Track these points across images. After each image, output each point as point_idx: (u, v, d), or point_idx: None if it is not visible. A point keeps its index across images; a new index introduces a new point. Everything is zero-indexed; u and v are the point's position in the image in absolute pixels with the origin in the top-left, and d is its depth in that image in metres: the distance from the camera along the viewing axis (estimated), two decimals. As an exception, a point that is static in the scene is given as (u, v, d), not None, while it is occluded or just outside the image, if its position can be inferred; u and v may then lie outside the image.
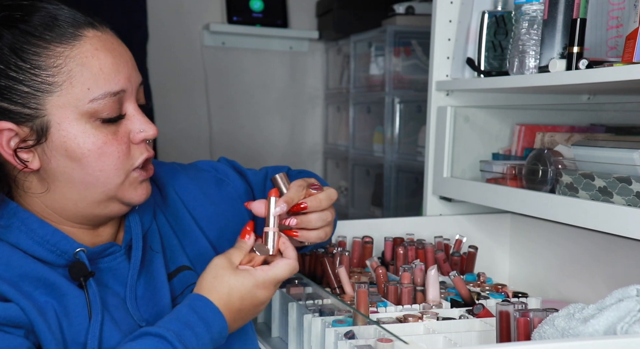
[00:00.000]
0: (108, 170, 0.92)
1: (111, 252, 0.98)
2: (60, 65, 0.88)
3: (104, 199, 0.95)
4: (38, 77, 0.88)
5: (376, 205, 2.93)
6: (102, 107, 0.90)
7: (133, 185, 0.96)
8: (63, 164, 0.91)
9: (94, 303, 0.92)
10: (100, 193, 0.94)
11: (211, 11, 3.18)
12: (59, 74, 0.88)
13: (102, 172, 0.92)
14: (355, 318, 1.09)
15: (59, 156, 0.91)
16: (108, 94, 0.90)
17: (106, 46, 0.91)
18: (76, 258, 0.93)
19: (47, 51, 0.88)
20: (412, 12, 2.75)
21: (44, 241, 0.92)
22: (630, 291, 0.91)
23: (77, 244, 0.94)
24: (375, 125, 2.95)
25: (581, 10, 1.26)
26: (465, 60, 1.56)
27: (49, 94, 0.88)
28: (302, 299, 1.22)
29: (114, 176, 0.93)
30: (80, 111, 0.89)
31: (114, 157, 0.92)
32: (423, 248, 1.43)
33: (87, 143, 0.90)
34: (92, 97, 0.89)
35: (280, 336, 1.28)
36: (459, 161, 1.60)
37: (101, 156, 0.91)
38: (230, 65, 3.24)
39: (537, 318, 0.98)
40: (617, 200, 1.15)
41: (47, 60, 0.88)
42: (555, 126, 1.58)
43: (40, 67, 0.88)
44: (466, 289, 1.25)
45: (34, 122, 0.89)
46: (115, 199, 0.96)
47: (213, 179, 1.19)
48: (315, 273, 1.39)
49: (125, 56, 0.94)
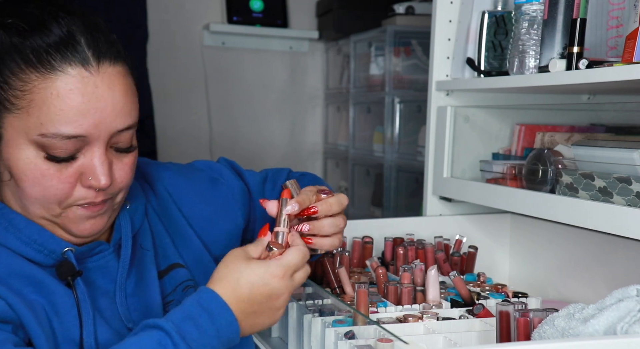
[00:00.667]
0: (42, 200, 0.91)
1: (99, 251, 0.98)
2: (26, 91, 0.86)
3: (49, 223, 0.94)
4: (4, 92, 0.87)
5: (376, 205, 2.93)
6: (50, 144, 0.87)
7: (74, 220, 0.93)
8: (8, 177, 0.91)
9: (82, 302, 0.92)
10: (41, 217, 0.93)
11: (211, 11, 3.18)
12: (22, 99, 0.86)
13: (36, 199, 0.91)
14: (355, 318, 1.09)
15: (4, 169, 0.91)
16: (59, 136, 0.87)
17: (84, 89, 0.87)
18: (64, 257, 0.93)
19: (21, 74, 0.86)
20: (412, 12, 2.75)
21: (31, 240, 0.92)
22: (630, 291, 0.91)
23: (65, 243, 0.94)
24: (375, 125, 2.95)
25: (581, 10, 1.26)
26: (465, 60, 1.56)
27: (7, 111, 0.88)
28: (302, 299, 1.22)
29: (48, 208, 0.91)
30: (29, 139, 0.87)
31: (49, 193, 0.90)
32: (423, 248, 1.43)
33: (26, 170, 0.89)
34: (42, 133, 0.87)
35: (280, 336, 1.28)
36: (459, 161, 1.60)
37: (36, 186, 0.89)
38: (230, 65, 3.24)
39: (537, 318, 0.98)
40: (617, 200, 1.15)
41: (17, 82, 0.86)
42: (555, 126, 1.58)
43: (9, 85, 0.87)
44: (466, 289, 1.25)
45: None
46: (61, 227, 0.94)
47: (207, 178, 1.18)
48: (316, 273, 1.39)
49: (105, 103, 0.89)
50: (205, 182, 1.17)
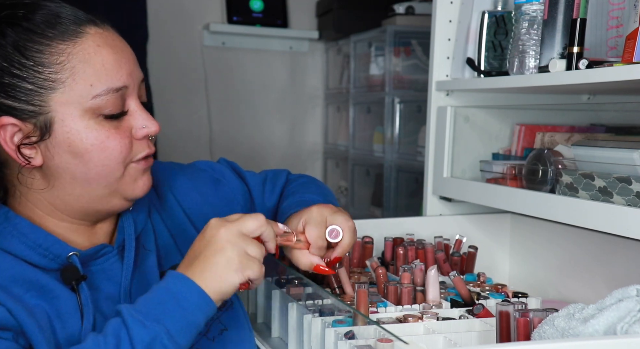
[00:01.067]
0: (110, 164, 0.93)
1: (103, 253, 0.98)
2: (63, 62, 0.89)
3: (105, 194, 0.95)
4: (41, 74, 0.88)
5: (376, 205, 2.93)
6: (104, 103, 0.91)
7: (132, 177, 0.96)
8: (66, 160, 0.91)
9: (85, 306, 0.92)
10: (103, 188, 0.94)
11: (211, 11, 3.18)
12: (62, 71, 0.89)
13: (104, 167, 0.93)
14: (355, 318, 1.09)
15: (63, 153, 0.91)
16: (110, 90, 0.91)
17: (108, 43, 0.92)
18: (69, 262, 0.93)
19: (49, 48, 0.89)
20: (412, 12, 2.75)
21: (36, 245, 0.92)
22: (630, 291, 0.91)
23: (70, 247, 0.94)
24: (375, 125, 2.95)
25: (581, 10, 1.26)
26: (465, 60, 1.56)
27: (52, 91, 0.89)
28: (302, 300, 1.22)
29: (115, 170, 0.94)
30: (83, 107, 0.90)
31: (116, 152, 0.93)
32: (423, 248, 1.43)
33: (90, 138, 0.91)
34: (95, 94, 0.90)
35: (280, 336, 1.28)
36: (459, 161, 1.60)
37: (104, 151, 0.92)
38: (230, 65, 3.24)
39: (537, 318, 0.98)
40: (617, 200, 1.15)
41: (50, 58, 0.89)
42: (555, 126, 1.58)
43: (43, 65, 0.88)
44: (466, 290, 1.25)
45: (37, 119, 0.90)
46: (117, 193, 0.96)
47: (210, 179, 1.19)
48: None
49: (126, 53, 0.94)
50: (208, 183, 1.18)
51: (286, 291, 1.26)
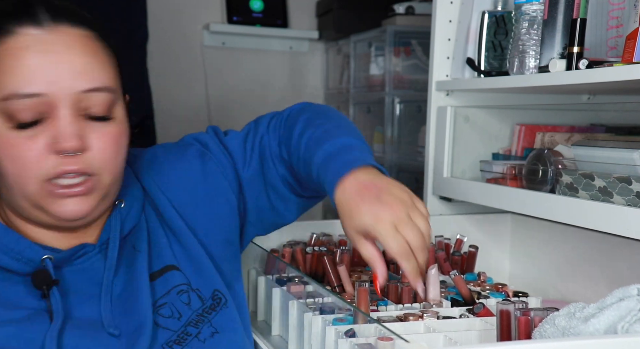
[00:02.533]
0: (20, 175, 0.87)
1: (83, 253, 0.95)
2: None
3: (30, 207, 0.90)
4: None
5: (376, 205, 2.93)
6: (13, 109, 0.84)
7: (51, 198, 0.89)
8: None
9: (55, 312, 0.89)
10: (23, 200, 0.89)
11: (211, 11, 3.18)
12: None
13: (13, 176, 0.87)
14: (355, 316, 1.09)
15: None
16: (18, 95, 0.84)
17: (37, 47, 0.86)
18: (42, 266, 0.90)
19: None
20: (412, 12, 2.75)
21: (8, 249, 0.89)
22: (631, 290, 0.91)
23: (43, 251, 0.91)
24: (375, 125, 2.95)
25: (581, 10, 1.26)
26: (465, 60, 1.56)
27: None
28: (303, 298, 1.22)
29: (26, 183, 0.87)
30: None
31: (21, 164, 0.86)
32: (423, 248, 1.43)
33: (1, 144, 0.86)
34: (2, 96, 0.85)
35: (281, 334, 1.29)
36: (459, 161, 1.60)
37: (10, 161, 0.86)
38: (230, 66, 3.24)
39: (538, 317, 0.99)
40: (617, 200, 1.15)
41: None
42: (555, 126, 1.58)
43: None
44: (466, 289, 1.25)
45: None
46: (42, 210, 0.90)
47: (197, 153, 1.11)
48: (316, 271, 1.39)
49: (61, 60, 0.87)
50: (196, 159, 1.10)
51: (286, 289, 1.26)
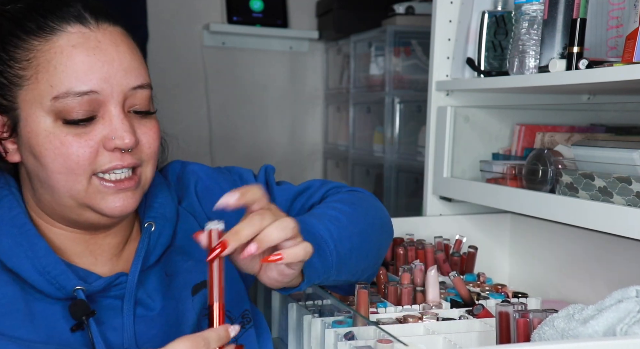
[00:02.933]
0: (66, 173, 0.86)
1: (117, 283, 0.92)
2: (31, 59, 0.86)
3: (74, 205, 0.89)
4: (12, 69, 0.86)
5: (376, 205, 2.93)
6: (64, 107, 0.85)
7: (101, 194, 0.88)
8: (31, 162, 0.88)
9: (97, 344, 0.87)
10: (68, 198, 0.88)
11: (211, 11, 3.18)
12: (28, 68, 0.86)
13: (60, 175, 0.86)
14: (355, 318, 1.09)
15: (27, 153, 0.88)
16: (71, 93, 0.85)
17: (86, 44, 0.86)
18: (74, 295, 0.88)
19: (24, 44, 0.86)
20: (412, 12, 2.75)
21: (45, 271, 0.87)
22: (630, 292, 0.91)
23: (77, 281, 0.88)
24: (375, 125, 2.95)
25: (581, 10, 1.26)
26: (465, 60, 1.56)
27: (18, 87, 0.86)
28: (302, 300, 1.22)
29: (73, 180, 0.86)
30: (44, 108, 0.85)
31: (71, 161, 0.86)
32: (423, 248, 1.43)
33: (46, 142, 0.86)
34: (54, 95, 0.84)
35: (280, 336, 1.28)
36: (459, 161, 1.60)
37: (58, 158, 0.85)
38: (230, 65, 3.24)
39: (537, 318, 0.98)
40: (617, 200, 1.15)
41: (22, 53, 0.86)
42: (555, 126, 1.58)
43: (15, 59, 0.86)
44: (466, 290, 1.25)
45: (10, 114, 0.88)
46: (87, 207, 0.89)
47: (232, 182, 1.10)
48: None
49: (112, 57, 0.87)
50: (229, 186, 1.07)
51: (286, 291, 1.26)
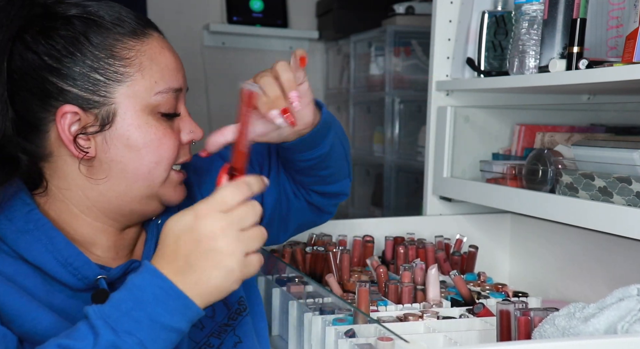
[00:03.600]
0: (158, 163, 0.94)
1: (132, 269, 0.95)
2: (132, 57, 0.92)
3: (146, 195, 0.95)
4: (112, 66, 0.91)
5: (376, 205, 2.93)
6: (164, 102, 0.93)
7: (172, 184, 0.97)
8: (121, 153, 0.92)
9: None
10: (147, 187, 0.94)
11: (211, 11, 3.18)
12: (131, 65, 0.92)
13: (156, 164, 0.93)
14: (355, 316, 1.09)
15: (119, 145, 0.92)
16: (171, 89, 0.94)
17: (168, 47, 0.98)
18: (97, 284, 0.91)
19: (121, 44, 0.92)
20: (412, 12, 2.75)
21: (67, 263, 0.89)
22: (631, 290, 0.91)
23: (99, 270, 0.91)
24: (375, 125, 2.95)
25: (581, 10, 1.26)
26: (465, 60, 1.56)
27: (119, 83, 0.91)
28: (303, 298, 1.22)
29: (161, 170, 0.94)
30: (145, 102, 0.92)
31: (170, 151, 0.94)
32: (423, 247, 1.44)
33: (150, 133, 0.92)
34: (158, 90, 0.93)
35: (281, 334, 1.29)
36: (459, 161, 1.60)
37: (159, 148, 0.93)
38: (230, 65, 3.24)
39: (538, 317, 0.99)
40: (617, 200, 1.15)
41: (121, 52, 0.91)
42: (555, 126, 1.58)
43: (115, 57, 0.91)
44: (466, 289, 1.25)
45: (100, 110, 0.90)
46: (157, 197, 0.96)
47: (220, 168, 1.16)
48: (315, 271, 1.39)
49: (179, 59, 0.99)
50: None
51: (286, 289, 1.26)
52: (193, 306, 0.77)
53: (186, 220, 0.79)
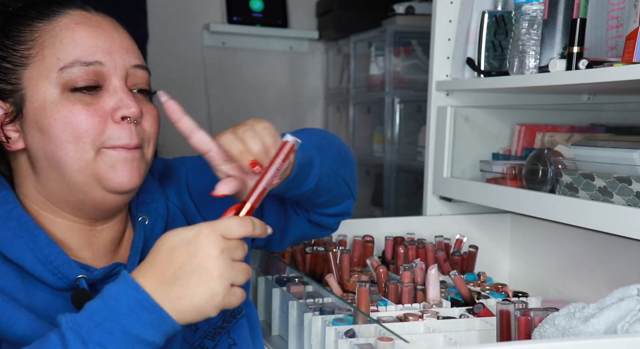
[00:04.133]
0: (75, 142, 0.88)
1: (116, 273, 0.93)
2: (36, 38, 0.90)
3: (81, 181, 0.90)
4: (17, 51, 0.90)
5: (376, 205, 2.93)
6: (72, 77, 0.88)
7: (109, 164, 0.90)
8: (37, 139, 0.90)
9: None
10: (75, 171, 0.89)
11: (211, 11, 3.18)
12: (34, 47, 0.90)
13: (69, 144, 0.88)
14: (355, 316, 1.09)
15: (33, 131, 0.90)
16: (77, 63, 0.89)
17: (89, 23, 0.92)
18: (76, 284, 0.89)
19: (29, 28, 0.91)
20: (412, 12, 2.75)
21: (47, 261, 0.88)
22: (631, 290, 0.91)
23: (79, 269, 0.90)
24: (375, 125, 2.95)
25: (581, 10, 1.26)
26: (465, 60, 1.56)
27: (24, 67, 0.90)
28: (303, 298, 1.22)
29: (82, 149, 0.88)
30: (50, 82, 0.89)
31: (81, 128, 0.88)
32: (423, 247, 1.44)
33: (54, 112, 0.88)
34: (61, 66, 0.88)
35: (281, 334, 1.29)
36: (459, 161, 1.60)
37: (67, 126, 0.88)
38: (230, 65, 3.24)
39: (538, 317, 0.99)
40: (617, 200, 1.15)
41: (27, 36, 0.90)
42: (555, 126, 1.58)
43: (20, 42, 0.90)
44: (466, 289, 1.25)
45: (14, 97, 0.90)
46: (95, 182, 0.90)
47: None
48: (315, 271, 1.39)
49: (112, 35, 0.93)
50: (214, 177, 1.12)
51: (286, 289, 1.26)
52: (168, 319, 0.76)
53: (187, 234, 0.78)
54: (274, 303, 1.29)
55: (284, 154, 0.87)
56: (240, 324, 1.06)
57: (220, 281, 0.77)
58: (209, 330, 1.02)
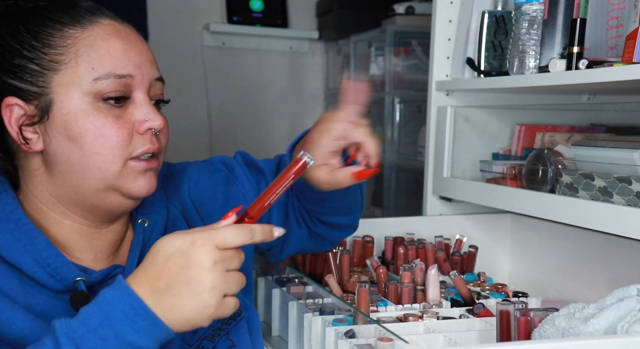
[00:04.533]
0: (105, 154, 0.90)
1: (114, 275, 0.94)
2: (69, 45, 0.90)
3: (102, 188, 0.92)
4: (47, 55, 0.90)
5: (376, 205, 2.93)
6: (104, 87, 0.90)
7: (132, 174, 0.92)
8: (63, 144, 0.90)
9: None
10: (98, 180, 0.91)
11: (211, 11, 3.18)
12: (67, 53, 0.90)
13: (98, 155, 0.90)
14: (355, 317, 1.09)
15: (59, 136, 0.90)
16: (112, 75, 0.90)
17: (120, 34, 0.93)
18: (75, 287, 0.89)
19: (60, 32, 0.91)
20: (412, 12, 2.75)
21: (46, 264, 0.88)
22: (631, 290, 0.91)
23: (77, 272, 0.90)
24: (375, 125, 2.95)
25: (581, 10, 1.26)
26: (465, 60, 1.56)
27: (54, 72, 0.90)
28: (303, 298, 1.22)
29: (110, 161, 0.90)
30: (82, 90, 0.90)
31: (112, 141, 0.90)
32: (423, 248, 1.44)
33: (86, 122, 0.89)
34: (95, 77, 0.90)
35: (280, 334, 1.29)
36: (459, 161, 1.60)
37: (98, 138, 0.89)
38: (230, 65, 3.24)
39: (538, 317, 0.99)
40: (617, 200, 1.15)
41: (58, 41, 0.90)
42: (555, 126, 1.58)
43: (50, 46, 0.90)
44: (466, 289, 1.25)
45: (39, 100, 0.90)
46: (114, 189, 0.92)
47: (223, 178, 1.15)
48: (315, 271, 1.39)
49: (140, 48, 0.95)
50: (220, 185, 1.14)
51: (286, 289, 1.26)
52: (162, 326, 0.76)
53: (181, 243, 0.78)
54: (273, 304, 1.29)
55: (295, 172, 0.84)
56: (239, 326, 1.05)
57: (212, 293, 0.77)
58: (208, 331, 1.02)
